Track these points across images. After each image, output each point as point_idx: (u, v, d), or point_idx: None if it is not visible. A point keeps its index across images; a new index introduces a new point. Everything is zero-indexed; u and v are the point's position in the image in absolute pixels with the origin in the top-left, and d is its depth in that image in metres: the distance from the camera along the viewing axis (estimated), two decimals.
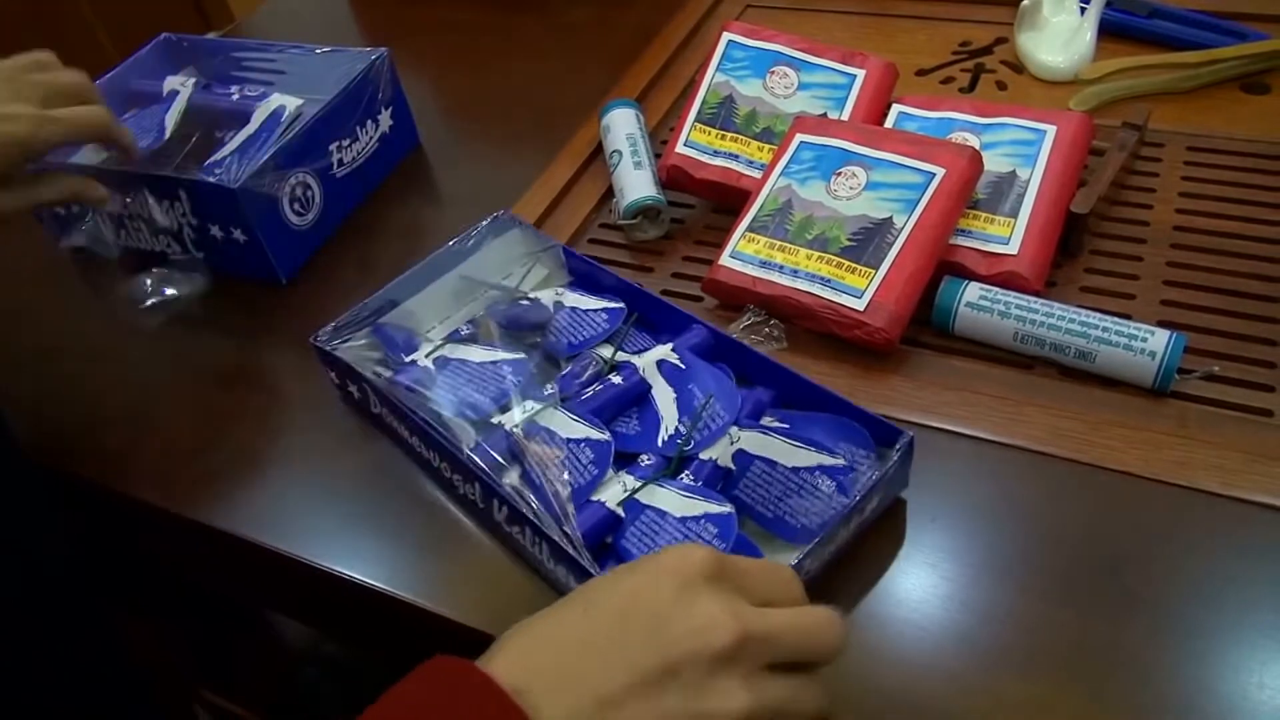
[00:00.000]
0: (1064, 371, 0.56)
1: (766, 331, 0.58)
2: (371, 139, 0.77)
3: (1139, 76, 0.75)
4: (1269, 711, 0.41)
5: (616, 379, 0.55)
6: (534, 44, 0.94)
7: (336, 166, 0.74)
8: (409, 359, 0.58)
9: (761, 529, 0.49)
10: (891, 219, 0.58)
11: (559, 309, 0.60)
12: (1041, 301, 0.56)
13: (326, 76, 0.76)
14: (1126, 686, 0.42)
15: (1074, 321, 0.55)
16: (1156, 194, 0.66)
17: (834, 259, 0.59)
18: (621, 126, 0.74)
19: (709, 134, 0.70)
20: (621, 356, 0.57)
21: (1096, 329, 0.54)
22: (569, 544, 0.46)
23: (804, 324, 0.60)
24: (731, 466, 0.50)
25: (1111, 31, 0.79)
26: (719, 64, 0.72)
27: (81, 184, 0.64)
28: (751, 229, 0.62)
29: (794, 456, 0.49)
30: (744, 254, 0.61)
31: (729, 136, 0.70)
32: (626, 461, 0.52)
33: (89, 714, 0.66)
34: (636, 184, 0.69)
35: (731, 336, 0.56)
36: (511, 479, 0.50)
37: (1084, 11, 0.77)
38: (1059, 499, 0.50)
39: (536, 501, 0.49)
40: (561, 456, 0.51)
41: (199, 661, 0.99)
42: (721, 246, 0.63)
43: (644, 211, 0.69)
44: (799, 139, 0.65)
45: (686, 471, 0.51)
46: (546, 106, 0.85)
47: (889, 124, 0.69)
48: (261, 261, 0.70)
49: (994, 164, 0.62)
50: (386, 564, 0.53)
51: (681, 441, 0.51)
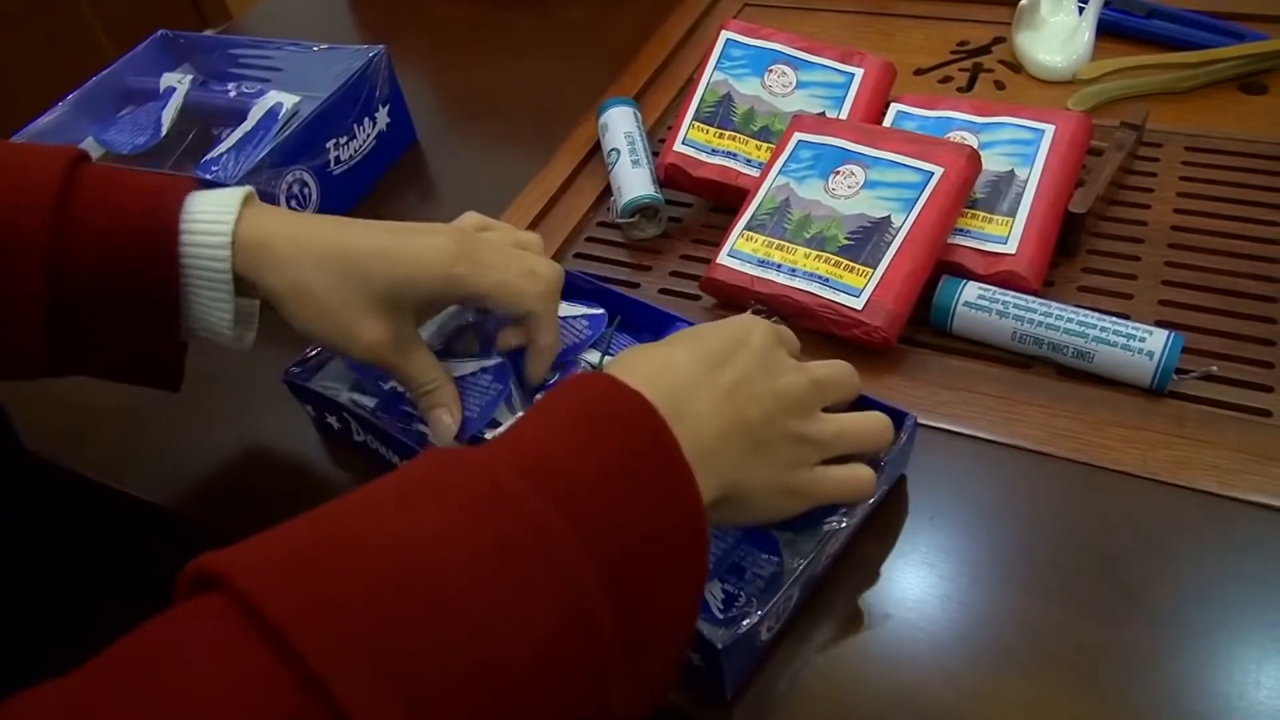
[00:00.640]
0: (1062, 371, 0.56)
1: None
2: (369, 136, 0.77)
3: (1137, 76, 0.75)
4: (1266, 710, 0.41)
5: None
6: (532, 42, 0.94)
7: (334, 164, 0.73)
8: (388, 385, 0.56)
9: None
10: (890, 218, 0.58)
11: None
12: (1040, 301, 0.56)
13: (324, 74, 0.76)
14: (1124, 685, 0.42)
15: (1072, 321, 0.55)
16: (1154, 194, 0.66)
17: (832, 258, 0.59)
18: (619, 125, 0.74)
19: (707, 132, 0.70)
20: (609, 361, 0.57)
21: (1094, 329, 0.54)
22: None
23: (802, 323, 0.60)
24: None
25: (1109, 31, 0.79)
26: (717, 62, 0.72)
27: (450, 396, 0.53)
28: (749, 228, 0.62)
29: None
30: (742, 253, 0.61)
31: (727, 135, 0.70)
32: None
33: None
34: (634, 182, 0.69)
35: None
36: None
37: (1082, 11, 0.77)
38: (1057, 498, 0.50)
39: None
40: None
41: None
42: (719, 245, 0.63)
43: (642, 210, 0.69)
44: (797, 138, 0.65)
45: None
46: (544, 104, 0.84)
47: (887, 123, 0.69)
48: None
49: (992, 163, 0.62)
50: None
51: None
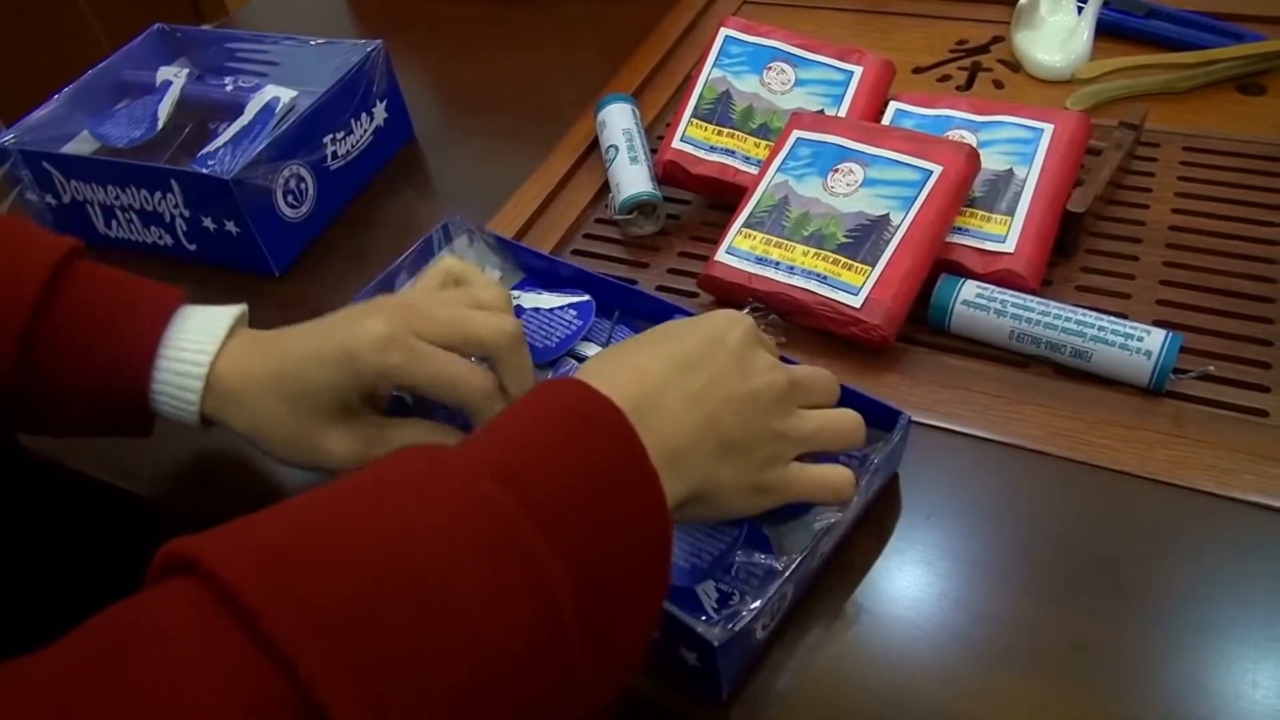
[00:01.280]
0: (1060, 370, 0.56)
1: (767, 326, 0.58)
2: (366, 132, 0.76)
3: (1136, 76, 0.75)
4: (1263, 710, 0.41)
5: None
6: (530, 38, 0.94)
7: (331, 159, 0.73)
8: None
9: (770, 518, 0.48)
10: (888, 216, 0.58)
11: (519, 313, 0.58)
12: (1038, 300, 0.56)
13: (321, 68, 0.76)
14: (1121, 685, 0.42)
15: (1070, 320, 0.55)
16: (1153, 194, 0.66)
17: (830, 256, 0.58)
18: (618, 121, 0.73)
19: (705, 130, 0.70)
20: (584, 364, 0.56)
21: (1092, 328, 0.54)
22: None
23: (800, 321, 0.60)
24: None
25: (1108, 31, 0.79)
26: (716, 59, 0.72)
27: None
28: (748, 225, 0.62)
29: None
30: (740, 250, 0.61)
31: (725, 132, 0.69)
32: None
33: None
34: (632, 179, 0.69)
35: None
36: None
37: (1081, 11, 0.77)
38: (1054, 498, 0.50)
39: None
40: None
41: None
42: (717, 243, 0.63)
43: (640, 207, 0.69)
44: (796, 135, 0.64)
45: None
46: (542, 101, 0.84)
47: (886, 121, 0.69)
48: (254, 253, 0.69)
49: (991, 162, 0.62)
50: None
51: None
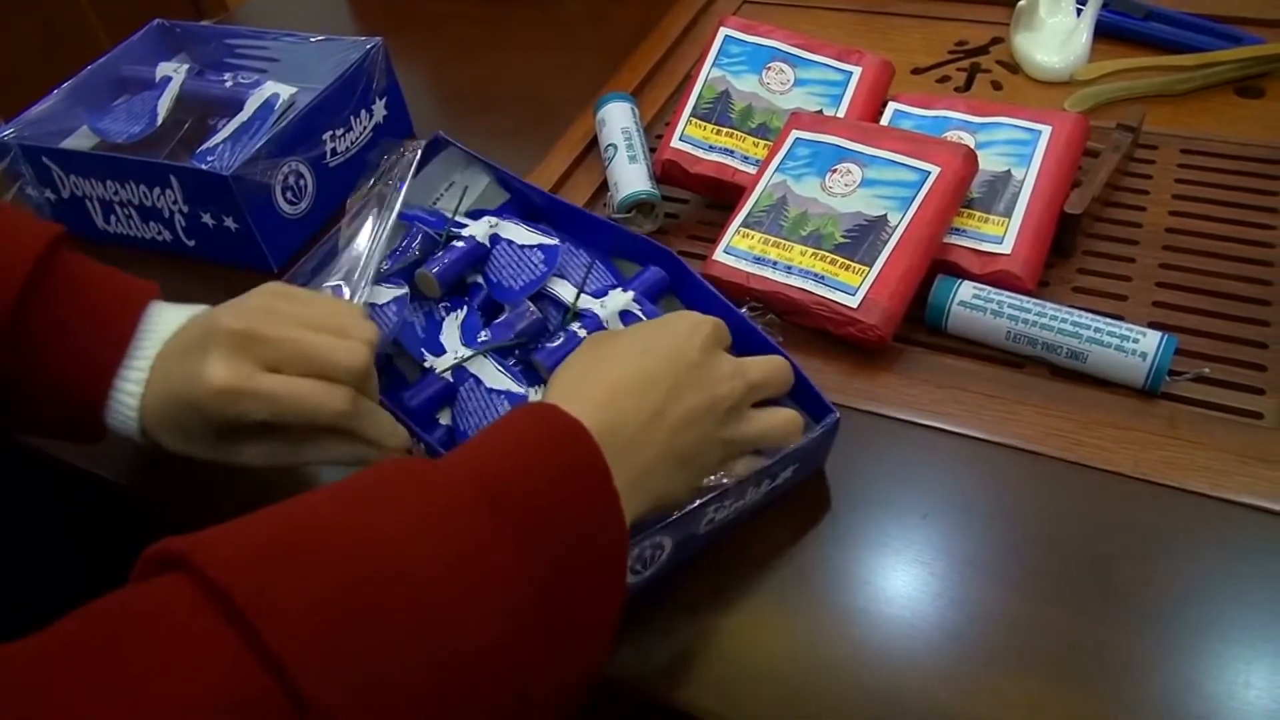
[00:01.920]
0: (1055, 371, 0.56)
1: (764, 325, 0.58)
2: (365, 129, 0.76)
3: (1134, 78, 0.75)
4: (1256, 710, 0.41)
5: (581, 330, 0.55)
6: (530, 36, 0.94)
7: (330, 156, 0.73)
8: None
9: None
10: (886, 216, 0.58)
11: (495, 242, 0.61)
12: (1034, 301, 0.56)
13: (320, 65, 0.76)
14: (1115, 685, 0.43)
15: (1066, 321, 0.55)
16: (1150, 196, 0.66)
17: (828, 255, 0.59)
18: (617, 120, 0.73)
19: (704, 129, 0.70)
20: (585, 301, 0.57)
21: (1088, 329, 0.54)
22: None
23: (797, 320, 0.60)
24: None
25: (1107, 33, 0.79)
26: (715, 59, 0.72)
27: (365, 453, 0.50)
28: (746, 224, 0.62)
29: None
30: (738, 249, 0.61)
31: (724, 132, 0.69)
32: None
33: None
34: (631, 178, 0.69)
35: (694, 272, 0.58)
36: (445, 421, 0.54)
37: (1080, 13, 0.77)
38: (1049, 498, 0.50)
39: None
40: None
41: None
42: (715, 242, 0.63)
43: (638, 206, 0.69)
44: (794, 135, 0.64)
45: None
46: (542, 99, 0.84)
47: (884, 122, 0.69)
48: (253, 250, 0.69)
49: (989, 163, 0.62)
50: None
51: None
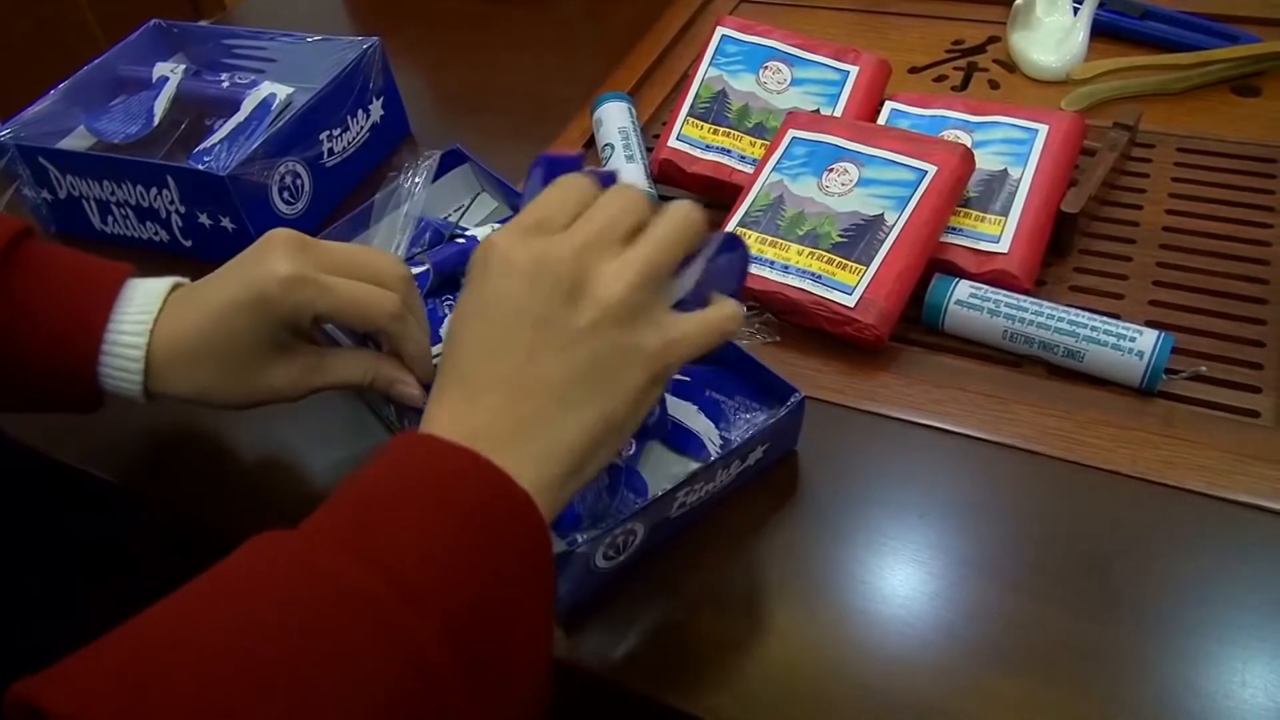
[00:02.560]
0: (1052, 370, 0.56)
1: (759, 325, 0.58)
2: (362, 129, 0.76)
3: (1131, 77, 0.75)
4: (1252, 708, 0.41)
5: None
6: (527, 36, 0.94)
7: (327, 156, 0.73)
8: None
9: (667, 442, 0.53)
10: (883, 216, 0.58)
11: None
12: (1031, 300, 0.56)
13: (317, 65, 0.76)
14: (1111, 683, 0.43)
15: (1063, 320, 0.55)
16: (1147, 194, 0.66)
17: (825, 255, 0.59)
18: (614, 120, 0.73)
19: (701, 128, 0.70)
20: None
21: (1085, 328, 0.54)
22: None
23: (794, 320, 0.60)
24: None
25: (1104, 32, 0.79)
26: (712, 58, 0.72)
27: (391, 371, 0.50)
28: (743, 224, 0.62)
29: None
30: None
31: (721, 131, 0.69)
32: None
33: None
34: (628, 178, 0.69)
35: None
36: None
37: (1076, 12, 0.77)
38: (1046, 497, 0.50)
39: None
40: None
41: None
42: None
43: None
44: (791, 135, 0.64)
45: None
46: (539, 99, 0.84)
47: (881, 121, 0.69)
48: None
49: (985, 162, 0.62)
50: None
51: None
